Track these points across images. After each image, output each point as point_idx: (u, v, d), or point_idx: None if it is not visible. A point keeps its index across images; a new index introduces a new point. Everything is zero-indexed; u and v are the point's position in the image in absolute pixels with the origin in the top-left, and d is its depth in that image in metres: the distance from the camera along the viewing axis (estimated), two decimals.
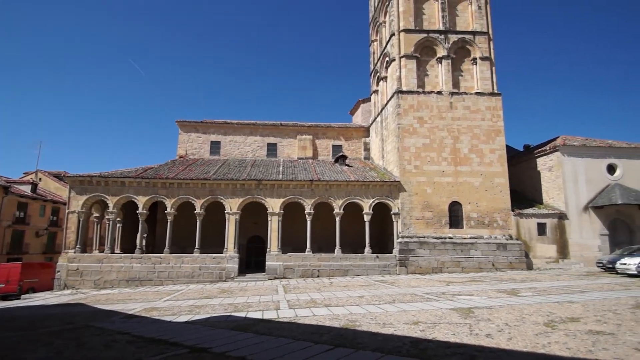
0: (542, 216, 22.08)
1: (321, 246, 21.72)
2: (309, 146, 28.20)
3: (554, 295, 11.10)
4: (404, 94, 22.60)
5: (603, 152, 23.21)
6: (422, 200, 21.50)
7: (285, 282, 18.15)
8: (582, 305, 9.26)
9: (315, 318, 8.77)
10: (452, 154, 22.03)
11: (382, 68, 26.38)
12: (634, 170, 23.03)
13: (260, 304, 11.28)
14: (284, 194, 21.32)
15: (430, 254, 20.58)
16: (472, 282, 15.53)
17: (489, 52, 23.46)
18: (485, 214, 21.51)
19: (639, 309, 8.58)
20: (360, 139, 29.12)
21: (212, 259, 20.06)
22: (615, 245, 21.47)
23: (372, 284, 15.73)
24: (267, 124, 28.78)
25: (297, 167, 24.72)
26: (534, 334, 6.61)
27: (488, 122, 22.43)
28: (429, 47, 23.52)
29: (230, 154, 27.89)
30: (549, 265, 21.29)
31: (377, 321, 8.12)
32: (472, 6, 24.03)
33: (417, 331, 7.07)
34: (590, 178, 22.62)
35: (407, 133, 22.19)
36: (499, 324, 7.52)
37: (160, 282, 19.45)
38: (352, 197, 21.61)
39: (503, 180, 21.92)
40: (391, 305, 10.10)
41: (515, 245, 20.98)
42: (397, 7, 23.69)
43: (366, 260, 20.68)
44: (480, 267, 20.39)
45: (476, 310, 9.05)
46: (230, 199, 20.99)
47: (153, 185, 20.91)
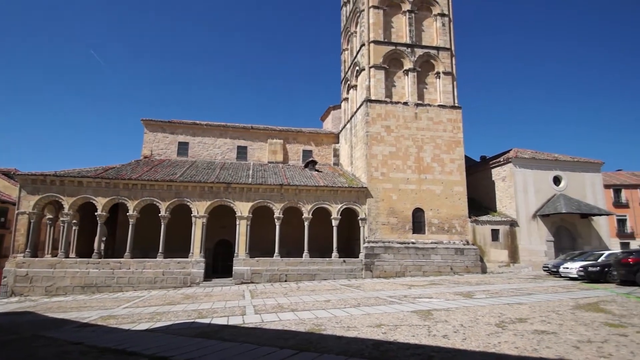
0: (496, 223, 23.57)
1: (289, 250, 21.81)
2: (280, 150, 28.26)
3: (505, 297, 11.90)
4: (373, 103, 23.32)
5: (550, 164, 25.23)
6: (388, 206, 22.22)
7: (252, 287, 18.07)
8: (529, 307, 9.98)
9: (281, 323, 8.85)
10: (416, 163, 22.99)
11: (353, 77, 27.04)
12: (576, 181, 25.22)
13: (225, 310, 11.18)
14: (253, 197, 21.24)
15: (394, 259, 21.30)
16: (432, 285, 16.28)
17: (451, 68, 24.78)
18: (445, 220, 22.60)
19: (578, 310, 9.35)
20: (330, 144, 29.58)
21: (177, 264, 19.56)
22: (560, 251, 23.35)
23: (339, 288, 16.05)
24: (237, 126, 28.53)
25: (267, 171, 24.71)
26: (486, 334, 7.03)
27: (449, 134, 23.65)
28: (396, 59, 24.46)
29: (198, 155, 27.34)
30: (501, 269, 22.74)
31: (342, 325, 8.35)
32: (436, 23, 25.31)
33: (379, 333, 7.35)
34: (538, 188, 24.48)
35: (375, 141, 22.88)
36: (455, 325, 7.95)
37: (119, 289, 18.66)
38: (321, 202, 21.92)
39: (462, 188, 23.16)
40: (356, 309, 10.40)
41: (472, 250, 22.22)
42: (367, 19, 24.45)
43: (333, 264, 21.02)
44: (440, 271, 21.37)
45: (435, 312, 9.55)
46: (198, 202, 20.60)
47: (114, 186, 20.07)
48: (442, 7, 25.43)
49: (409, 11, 24.86)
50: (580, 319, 8.14)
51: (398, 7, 25.15)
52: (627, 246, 34.41)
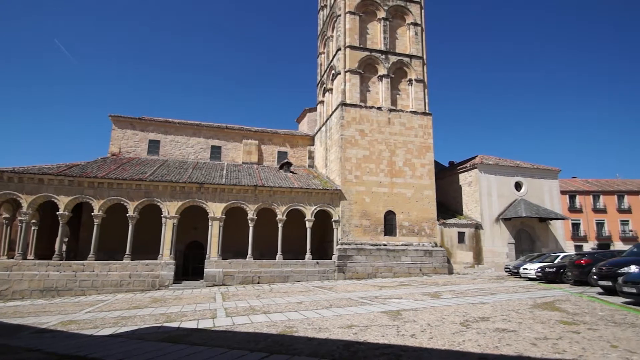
0: (462, 226, 24.58)
1: (263, 252, 21.71)
2: (255, 151, 28.05)
3: (470, 297, 12.38)
4: (348, 107, 23.67)
5: (512, 171, 26.67)
6: (361, 209, 22.60)
7: (224, 289, 17.82)
8: (491, 306, 10.40)
9: (252, 325, 8.76)
10: (389, 166, 23.54)
11: (329, 80, 27.31)
12: (536, 187, 26.79)
13: (196, 313, 10.94)
14: (226, 198, 20.97)
15: (366, 260, 21.69)
16: (402, 286, 16.70)
17: (423, 75, 25.61)
18: (415, 223, 23.28)
19: (536, 309, 9.84)
20: (305, 147, 29.68)
21: (145, 266, 18.97)
22: (520, 253, 24.69)
23: (312, 290, 16.14)
24: (212, 125, 28.05)
25: (242, 171, 24.47)
26: (452, 333, 7.24)
27: (420, 139, 24.41)
28: (371, 64, 24.96)
29: (170, 154, 26.65)
30: (467, 270, 23.71)
31: (313, 326, 8.39)
32: (410, 32, 26.09)
33: (350, 334, 7.44)
34: (501, 193, 25.80)
35: (349, 144, 23.22)
36: (422, 324, 8.14)
37: (82, 292, 17.86)
38: (295, 203, 21.96)
39: (431, 192, 23.95)
40: (328, 310, 10.50)
41: (440, 252, 23.02)
42: (344, 24, 24.82)
43: (307, 266, 21.12)
44: (410, 272, 21.98)
45: (404, 312, 9.78)
46: (169, 202, 20.09)
47: (78, 185, 19.19)
48: (415, 17, 26.24)
49: (383, 19, 25.46)
50: (538, 318, 8.55)
51: (373, 14, 25.71)
52: (581, 248, 36.86)
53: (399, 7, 26.13)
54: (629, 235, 40.24)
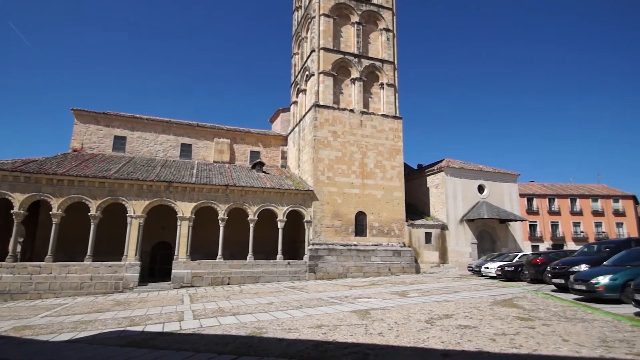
0: (429, 227, 25.44)
1: (233, 253, 21.42)
2: (227, 150, 27.60)
3: (435, 295, 12.86)
4: (321, 108, 23.83)
5: (475, 174, 27.93)
6: (333, 209, 22.84)
7: (192, 290, 17.44)
8: (455, 304, 10.84)
9: (221, 327, 8.67)
10: (360, 168, 23.93)
11: (302, 81, 27.36)
12: (497, 190, 28.21)
13: (161, 316, 10.65)
14: (196, 197, 20.52)
15: (337, 260, 21.94)
16: (371, 285, 17.06)
17: (394, 80, 26.25)
18: (385, 224, 23.81)
19: (496, 306, 10.34)
20: (278, 147, 29.56)
21: (108, 267, 18.20)
22: (482, 252, 25.89)
23: (282, 290, 16.15)
24: (182, 123, 27.31)
25: (213, 170, 24.01)
26: (417, 330, 7.50)
27: (391, 142, 25.00)
28: (344, 67, 25.28)
29: (137, 151, 25.69)
30: (433, 269, 24.56)
31: (283, 327, 8.42)
32: (382, 37, 26.67)
33: (319, 334, 7.52)
34: (465, 195, 26.95)
35: (322, 145, 23.39)
36: (390, 323, 8.36)
37: (38, 296, 16.87)
38: (267, 203, 21.84)
39: (400, 194, 24.59)
40: (298, 311, 10.56)
41: (408, 252, 23.69)
42: (318, 26, 24.96)
43: (278, 266, 21.06)
44: (379, 272, 22.45)
45: (372, 311, 10.01)
46: (135, 201, 19.39)
47: (35, 182, 18.11)
48: (387, 22, 26.84)
49: (357, 23, 25.86)
50: (497, 314, 8.99)
51: (347, 18, 26.05)
52: (537, 248, 39.11)
53: (372, 12, 26.63)
54: (580, 236, 43.10)
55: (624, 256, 10.54)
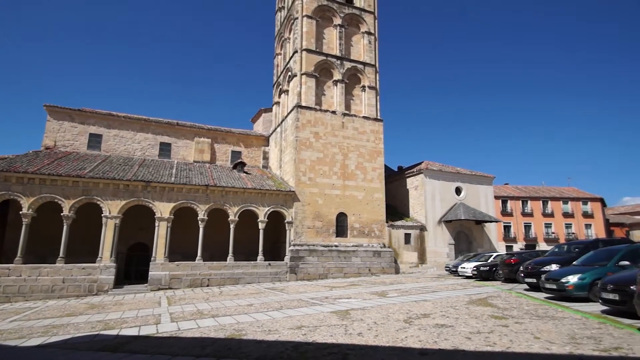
0: (408, 228, 25.90)
1: (213, 254, 21.13)
2: (207, 150, 27.20)
3: (413, 295, 13.08)
4: (303, 109, 23.85)
5: (453, 176, 28.64)
6: (314, 210, 22.88)
7: (170, 293, 17.10)
8: (432, 303, 11.04)
9: (200, 330, 8.53)
10: (342, 169, 24.10)
11: (285, 81, 27.30)
12: (473, 192, 29.01)
13: (137, 319, 10.39)
14: (175, 198, 20.13)
15: (318, 261, 22.00)
16: (351, 286, 17.19)
17: (375, 83, 26.58)
18: (365, 225, 24.06)
19: (471, 305, 10.61)
20: (260, 147, 29.37)
21: (82, 270, 17.59)
22: (459, 253, 26.55)
23: (263, 292, 16.06)
24: (161, 121, 26.73)
25: (193, 170, 23.61)
26: (396, 330, 7.60)
27: (372, 144, 25.29)
28: (327, 69, 25.40)
29: (113, 150, 24.95)
30: (412, 269, 25.01)
31: (263, 328, 8.38)
32: (364, 40, 26.97)
33: (299, 335, 7.53)
34: (443, 197, 27.59)
35: (304, 146, 23.41)
36: (369, 323, 8.44)
37: (6, 299, 16.11)
38: (248, 204, 21.67)
39: (381, 195, 24.91)
40: (278, 312, 10.53)
41: (388, 253, 24.01)
42: (301, 27, 24.99)
43: (258, 267, 20.92)
44: (359, 272, 22.66)
45: (352, 312, 10.07)
46: (111, 201, 18.84)
47: (5, 180, 17.31)
48: (369, 26, 27.16)
49: (339, 25, 26.04)
50: (473, 313, 9.23)
51: (330, 20, 26.19)
52: (511, 249, 40.37)
53: (354, 15, 26.88)
54: (551, 236, 44.75)
55: (591, 256, 11.02)
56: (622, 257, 9.84)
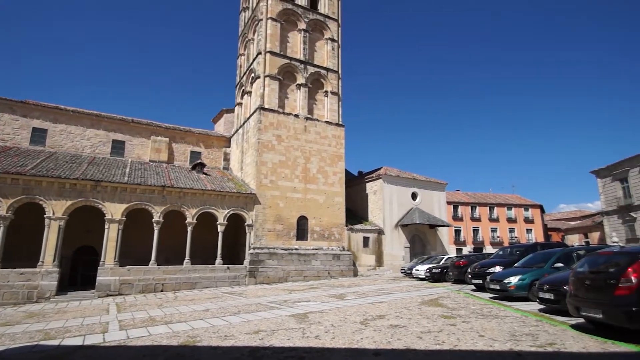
0: (367, 231, 26.59)
1: (169, 258, 20.33)
2: (165, 149, 26.14)
3: (370, 297, 13.39)
4: (266, 111, 23.71)
5: (410, 182, 29.86)
6: (275, 213, 22.78)
7: (120, 299, 16.20)
8: (387, 305, 11.36)
9: (151, 338, 8.17)
10: (303, 173, 24.22)
11: (248, 83, 26.99)
12: (428, 198, 30.41)
13: (82, 328, 9.73)
14: (128, 198, 19.16)
15: (278, 265, 21.90)
16: (310, 289, 17.30)
17: (338, 89, 27.07)
18: (326, 228, 24.34)
19: (424, 305, 11.04)
20: (221, 148, 28.73)
21: (20, 275, 16.18)
22: (414, 255, 27.68)
23: (220, 296, 15.70)
24: (114, 117, 25.31)
25: (148, 170, 22.58)
26: (352, 332, 7.73)
27: (333, 148, 25.69)
28: (290, 72, 25.47)
29: (60, 146, 23.24)
30: (369, 272, 25.67)
31: (219, 334, 8.21)
32: (327, 46, 27.39)
33: (256, 340, 7.46)
34: (400, 202, 28.66)
35: (266, 148, 23.26)
36: (327, 325, 8.53)
37: None
38: (207, 206, 21.12)
39: (341, 199, 25.35)
40: (236, 317, 10.35)
41: (347, 256, 24.46)
42: (265, 29, 24.88)
43: (216, 271, 20.41)
44: (319, 275, 22.86)
45: (310, 314, 10.13)
46: (55, 201, 17.53)
47: None
48: (332, 33, 27.63)
49: (304, 30, 26.24)
50: (424, 313, 9.60)
51: (294, 24, 26.32)
52: (461, 251, 42.63)
53: (319, 21, 27.22)
54: (497, 240, 47.80)
55: (530, 259, 11.95)
56: (557, 260, 10.71)
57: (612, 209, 30.64)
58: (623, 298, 5.93)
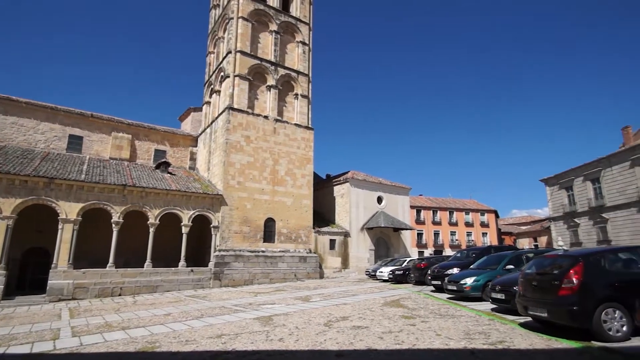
0: (334, 234, 26.94)
1: (129, 260, 19.51)
2: (127, 146, 25.04)
3: (335, 299, 13.56)
4: (235, 112, 23.40)
5: (376, 186, 30.62)
6: (242, 215, 22.50)
7: (74, 304, 15.34)
8: (351, 306, 11.55)
9: (106, 344, 7.82)
10: (272, 175, 24.12)
11: (217, 81, 26.50)
12: (393, 202, 31.31)
13: (30, 335, 9.16)
14: (85, 197, 18.20)
15: (244, 267, 21.63)
16: (276, 291, 17.24)
17: (308, 92, 27.24)
18: (293, 230, 24.36)
19: (386, 306, 11.32)
20: (187, 147, 27.95)
21: None
22: (378, 258, 28.38)
23: (183, 300, 15.29)
24: (72, 111, 23.92)
25: (108, 168, 21.55)
26: (316, 334, 7.81)
27: (302, 151, 25.80)
28: (261, 73, 25.32)
29: (10, 140, 21.64)
30: (335, 274, 25.99)
31: (180, 339, 8.03)
32: (298, 49, 27.50)
33: (219, 344, 7.35)
34: (366, 205, 29.32)
35: (234, 149, 22.94)
36: (290, 328, 8.55)
37: None
38: (171, 207, 20.49)
39: (309, 202, 25.49)
40: (198, 321, 10.15)
41: (313, 258, 24.62)
42: (236, 28, 24.57)
43: (180, 274, 19.83)
44: (285, 278, 22.83)
45: (275, 317, 10.11)
46: (3, 199, 16.38)
47: None
48: (304, 36, 27.78)
49: (275, 32, 26.19)
50: (386, 314, 9.86)
51: (266, 25, 26.19)
52: (422, 254, 44.25)
53: (290, 24, 27.27)
54: (456, 243, 49.98)
55: (485, 261, 12.63)
56: (508, 262, 11.40)
57: (558, 215, 32.97)
58: (566, 298, 6.40)
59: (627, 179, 25.99)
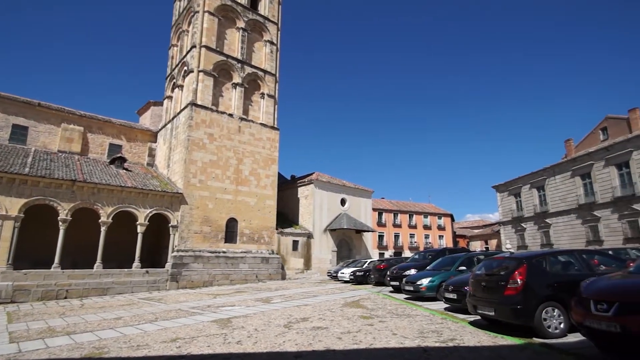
0: (297, 235, 26.95)
1: (77, 260, 18.30)
2: (78, 139, 23.47)
3: (296, 300, 13.57)
4: (199, 108, 22.74)
5: (339, 188, 31.08)
6: (203, 214, 21.87)
7: (13, 307, 14.12)
8: (312, 307, 11.63)
9: (48, 351, 7.32)
10: (235, 174, 23.69)
11: (180, 76, 25.62)
12: (356, 204, 31.94)
13: None
14: (29, 193, 16.86)
15: (203, 268, 21.03)
16: (237, 293, 16.94)
17: (274, 92, 27.08)
18: (256, 231, 24.06)
19: (346, 307, 11.51)
20: (145, 142, 26.71)
21: None
22: (340, 259, 28.81)
23: (136, 303, 14.58)
24: (17, 99, 22.04)
25: (56, 161, 20.10)
26: (275, 335, 7.78)
27: (267, 151, 25.58)
28: (226, 70, 24.81)
29: None
30: (297, 275, 26.00)
31: (130, 344, 7.68)
32: (266, 48, 27.28)
33: (173, 349, 7.14)
34: (330, 207, 29.66)
35: (196, 146, 22.27)
36: (249, 330, 8.46)
37: None
38: (126, 205, 19.49)
39: (273, 202, 25.31)
40: (152, 324, 9.75)
41: (275, 259, 24.46)
42: (201, 22, 23.92)
43: (133, 275, 18.89)
44: (246, 279, 22.48)
45: (234, 319, 9.94)
46: None
47: None
48: (272, 35, 27.61)
49: (242, 29, 25.79)
50: (346, 315, 10.01)
51: (233, 22, 25.73)
52: (383, 255, 45.42)
53: (258, 22, 26.99)
54: (414, 245, 51.81)
55: (440, 262, 13.20)
56: (461, 264, 12.00)
57: (507, 220, 35.26)
58: (511, 297, 6.83)
59: (568, 188, 28.32)
